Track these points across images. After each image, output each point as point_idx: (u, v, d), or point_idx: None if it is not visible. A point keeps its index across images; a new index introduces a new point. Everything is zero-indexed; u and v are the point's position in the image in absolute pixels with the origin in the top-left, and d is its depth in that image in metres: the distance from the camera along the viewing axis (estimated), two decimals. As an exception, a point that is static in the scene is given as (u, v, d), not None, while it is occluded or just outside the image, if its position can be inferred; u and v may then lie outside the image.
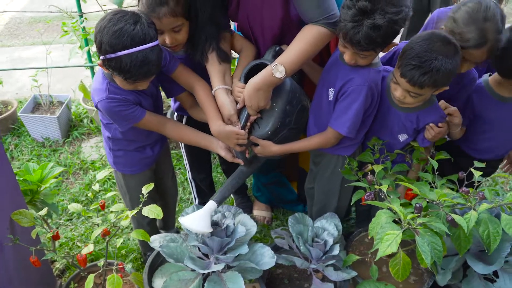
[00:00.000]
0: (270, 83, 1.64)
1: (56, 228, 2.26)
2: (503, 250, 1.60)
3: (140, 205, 1.58)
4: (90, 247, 1.62)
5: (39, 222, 1.78)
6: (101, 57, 1.53)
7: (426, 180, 1.68)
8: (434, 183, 1.66)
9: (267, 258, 1.71)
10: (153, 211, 1.57)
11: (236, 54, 1.91)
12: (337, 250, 1.78)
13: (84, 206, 2.65)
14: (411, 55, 1.55)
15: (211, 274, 1.67)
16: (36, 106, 3.36)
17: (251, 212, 2.62)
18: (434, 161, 1.68)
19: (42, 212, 1.72)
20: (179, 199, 2.73)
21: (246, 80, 1.69)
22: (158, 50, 1.56)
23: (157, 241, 1.76)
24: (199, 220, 1.65)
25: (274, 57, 1.69)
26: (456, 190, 1.62)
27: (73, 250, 2.39)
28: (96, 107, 1.68)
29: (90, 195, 2.10)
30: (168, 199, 2.23)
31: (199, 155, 2.26)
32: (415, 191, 1.57)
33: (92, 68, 3.42)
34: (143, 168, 1.93)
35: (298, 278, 1.94)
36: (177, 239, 1.78)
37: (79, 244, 2.43)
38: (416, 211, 1.47)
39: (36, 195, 2.04)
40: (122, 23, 1.47)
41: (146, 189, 1.62)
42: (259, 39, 1.83)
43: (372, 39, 1.50)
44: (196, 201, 2.50)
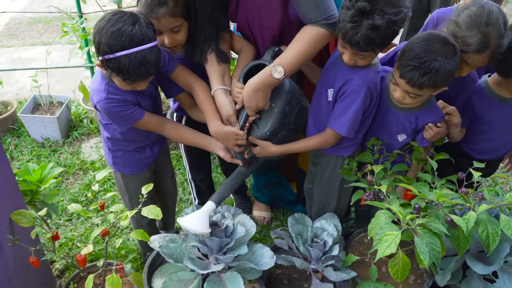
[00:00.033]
0: (269, 84, 1.64)
1: (56, 229, 2.25)
2: (503, 251, 1.60)
3: (140, 206, 1.58)
4: (90, 248, 1.62)
5: (39, 223, 1.78)
6: (100, 58, 1.53)
7: (426, 181, 1.68)
8: (434, 184, 1.66)
9: (267, 259, 1.71)
10: (153, 212, 1.57)
11: (236, 55, 1.91)
12: (337, 251, 1.79)
13: (84, 207, 2.66)
14: (410, 56, 1.55)
15: (211, 275, 1.67)
16: (36, 107, 3.36)
17: (251, 213, 2.62)
18: (434, 162, 1.67)
19: (42, 213, 1.72)
20: (179, 200, 2.73)
21: (245, 81, 1.69)
22: (157, 51, 1.56)
23: (157, 242, 1.76)
24: (198, 221, 1.65)
25: (273, 58, 1.68)
26: (456, 191, 1.62)
27: (73, 251, 2.39)
28: (95, 108, 1.68)
29: (90, 196, 2.10)
30: (168, 200, 2.23)
31: (199, 156, 2.26)
32: (414, 192, 1.57)
33: (92, 69, 3.42)
34: (143, 169, 1.93)
35: (298, 279, 1.94)
36: (177, 240, 1.78)
37: (79, 245, 2.43)
38: (415, 212, 1.47)
39: (36, 196, 2.04)
40: (121, 24, 1.47)
41: (146, 190, 1.63)
42: (258, 40, 1.83)
43: (371, 40, 1.50)
44: (196, 202, 2.50)
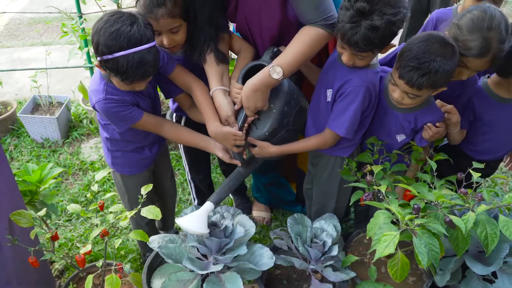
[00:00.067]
0: (268, 84, 1.64)
1: (55, 229, 2.26)
2: (502, 251, 1.60)
3: (139, 206, 1.58)
4: (88, 247, 1.63)
5: (38, 223, 1.78)
6: (98, 58, 1.53)
7: (425, 181, 1.68)
8: (433, 184, 1.66)
9: (266, 259, 1.71)
10: (152, 212, 1.57)
11: (235, 55, 1.91)
12: (336, 251, 1.79)
13: (84, 207, 2.66)
14: (409, 57, 1.55)
15: (210, 275, 1.67)
16: (36, 107, 3.36)
17: (251, 213, 2.62)
18: (433, 162, 1.68)
19: (41, 213, 1.72)
20: (179, 200, 2.73)
21: (244, 81, 1.69)
22: (155, 51, 1.56)
23: (156, 242, 1.76)
24: (196, 221, 1.65)
25: (272, 58, 1.68)
26: (455, 191, 1.62)
27: (72, 251, 2.39)
28: (93, 108, 1.68)
29: (89, 196, 2.10)
30: (167, 200, 2.24)
31: (198, 156, 2.26)
32: (413, 192, 1.57)
33: (92, 69, 3.42)
34: (142, 169, 1.93)
35: (297, 279, 1.94)
36: (176, 240, 1.78)
37: (78, 245, 2.43)
38: (414, 212, 1.47)
39: (35, 196, 2.04)
40: (119, 24, 1.47)
41: (145, 190, 1.63)
42: (258, 40, 1.83)
43: (370, 40, 1.50)
44: (195, 202, 2.50)
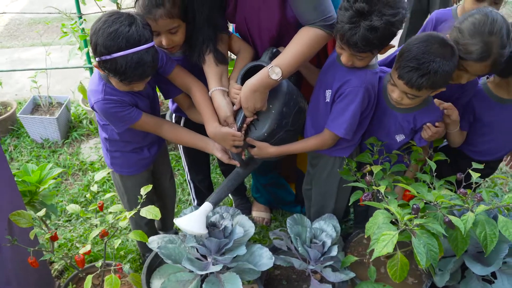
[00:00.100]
0: (267, 85, 1.64)
1: (55, 229, 2.26)
2: (501, 251, 1.60)
3: (138, 206, 1.58)
4: (88, 248, 1.63)
5: (38, 223, 1.78)
6: (97, 59, 1.53)
7: (424, 181, 1.68)
8: (432, 184, 1.66)
9: (265, 259, 1.71)
10: (151, 212, 1.57)
11: (234, 56, 1.91)
12: (335, 251, 1.79)
13: (83, 207, 2.66)
14: (409, 57, 1.55)
15: (209, 275, 1.67)
16: (36, 107, 3.36)
17: (250, 213, 2.62)
18: (432, 162, 1.68)
19: (41, 213, 1.72)
20: (178, 200, 2.73)
21: (243, 82, 1.69)
22: (154, 52, 1.56)
23: (155, 242, 1.76)
24: (194, 222, 1.66)
25: (271, 59, 1.68)
26: (455, 192, 1.62)
27: (72, 251, 2.39)
28: (92, 108, 1.68)
29: (89, 196, 2.09)
30: (167, 200, 2.23)
31: (198, 157, 2.26)
32: (413, 193, 1.57)
33: (92, 69, 3.41)
34: (140, 169, 1.93)
35: (297, 279, 1.94)
36: (175, 240, 1.78)
37: (78, 245, 2.43)
38: (413, 212, 1.47)
39: (35, 196, 2.03)
40: (117, 25, 1.47)
41: (144, 190, 1.63)
42: (257, 41, 1.83)
43: (369, 41, 1.50)
44: (195, 202, 2.50)
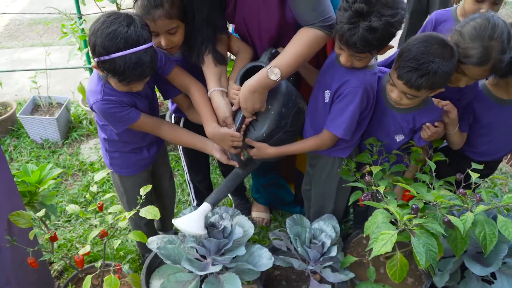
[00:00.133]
0: (265, 86, 1.64)
1: (55, 230, 2.26)
2: (501, 252, 1.60)
3: (138, 207, 1.58)
4: (87, 248, 1.63)
5: (37, 223, 1.78)
6: (95, 59, 1.53)
7: (424, 182, 1.68)
8: (432, 185, 1.66)
9: (265, 260, 1.71)
10: (150, 212, 1.57)
11: (234, 56, 1.91)
12: (335, 252, 1.79)
13: (83, 208, 2.66)
14: (408, 57, 1.55)
15: (209, 276, 1.67)
16: (35, 108, 3.36)
17: (250, 214, 2.62)
18: (432, 163, 1.68)
19: (40, 214, 1.72)
20: (178, 201, 2.73)
21: (242, 82, 1.69)
22: (152, 52, 1.56)
23: (155, 243, 1.76)
24: (193, 222, 1.65)
25: (270, 60, 1.68)
26: (454, 192, 1.62)
27: (71, 251, 2.39)
28: (91, 109, 1.68)
29: (88, 197, 2.09)
30: (166, 201, 2.23)
31: (197, 157, 2.26)
32: (413, 193, 1.57)
33: (91, 70, 3.42)
34: (140, 170, 1.93)
35: (296, 280, 1.94)
36: (175, 241, 1.78)
37: (78, 246, 2.43)
38: (413, 212, 1.47)
39: (35, 197, 2.03)
40: (116, 25, 1.48)
41: (144, 191, 1.63)
42: (256, 41, 1.83)
43: (368, 41, 1.50)
44: (195, 203, 2.50)
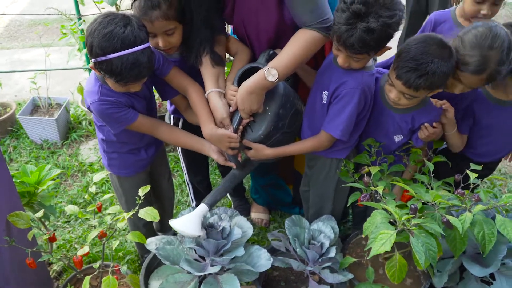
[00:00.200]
0: (263, 87, 1.64)
1: (54, 230, 2.25)
2: (500, 252, 1.60)
3: (136, 207, 1.58)
4: (85, 249, 1.63)
5: (36, 224, 1.78)
6: (92, 60, 1.53)
7: (422, 182, 1.68)
8: (430, 185, 1.66)
9: (263, 260, 1.71)
10: (150, 214, 1.56)
11: (232, 57, 1.91)
12: (334, 253, 1.78)
13: (82, 208, 2.66)
14: (407, 58, 1.55)
15: (207, 277, 1.67)
16: (35, 108, 3.36)
17: (249, 215, 2.62)
18: (430, 163, 1.67)
19: (39, 214, 1.72)
20: (177, 201, 2.73)
21: (240, 84, 1.69)
22: (149, 52, 1.56)
23: (153, 244, 1.76)
24: (189, 223, 1.65)
25: (268, 61, 1.68)
26: (453, 192, 1.62)
27: (70, 252, 2.39)
28: (89, 109, 1.68)
29: (87, 197, 2.09)
30: (165, 202, 2.23)
31: (196, 158, 2.26)
32: (411, 193, 1.57)
33: (91, 71, 3.41)
34: (138, 170, 1.93)
35: (295, 281, 1.94)
36: (174, 241, 1.78)
37: (77, 246, 2.43)
38: (411, 212, 1.47)
39: (34, 197, 2.03)
40: (112, 26, 1.48)
41: (142, 192, 1.62)
42: (254, 42, 1.83)
43: (366, 43, 1.50)
44: (194, 204, 2.50)
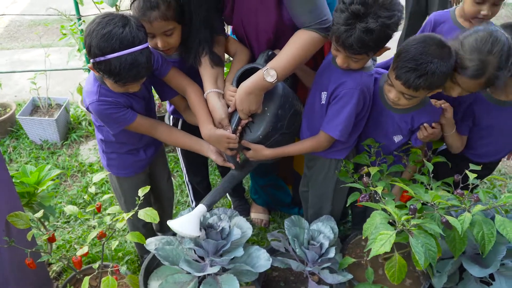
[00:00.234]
0: (261, 87, 1.64)
1: (53, 231, 2.25)
2: (499, 253, 1.60)
3: (136, 208, 1.58)
4: (85, 249, 1.63)
5: (36, 224, 1.78)
6: (91, 60, 1.53)
7: (422, 182, 1.68)
8: (430, 185, 1.66)
9: (263, 261, 1.71)
10: (149, 215, 1.56)
11: (232, 58, 1.91)
12: (333, 253, 1.78)
13: (82, 209, 2.66)
14: (407, 58, 1.55)
15: (207, 277, 1.67)
16: (35, 109, 3.36)
17: (249, 215, 2.62)
18: (429, 164, 1.67)
19: (38, 215, 1.72)
20: (177, 202, 2.73)
21: (239, 84, 1.68)
22: (148, 53, 1.56)
23: (153, 244, 1.76)
24: (187, 224, 1.65)
25: (267, 62, 1.68)
26: (452, 193, 1.62)
27: (70, 252, 2.39)
28: (87, 109, 1.69)
29: (87, 198, 2.09)
30: (164, 202, 2.23)
31: (196, 158, 2.25)
32: (411, 193, 1.57)
33: (90, 71, 3.42)
34: (137, 171, 1.93)
35: (294, 281, 1.94)
36: (173, 242, 1.78)
37: (76, 247, 2.43)
38: (411, 213, 1.47)
39: (33, 198, 2.03)
40: (111, 26, 1.48)
41: (142, 192, 1.62)
42: (254, 43, 1.83)
43: (365, 43, 1.50)
44: (193, 204, 2.50)
